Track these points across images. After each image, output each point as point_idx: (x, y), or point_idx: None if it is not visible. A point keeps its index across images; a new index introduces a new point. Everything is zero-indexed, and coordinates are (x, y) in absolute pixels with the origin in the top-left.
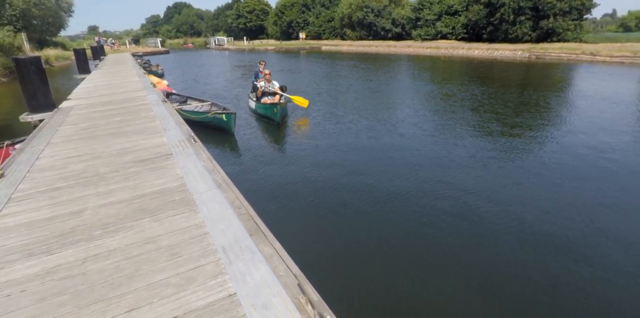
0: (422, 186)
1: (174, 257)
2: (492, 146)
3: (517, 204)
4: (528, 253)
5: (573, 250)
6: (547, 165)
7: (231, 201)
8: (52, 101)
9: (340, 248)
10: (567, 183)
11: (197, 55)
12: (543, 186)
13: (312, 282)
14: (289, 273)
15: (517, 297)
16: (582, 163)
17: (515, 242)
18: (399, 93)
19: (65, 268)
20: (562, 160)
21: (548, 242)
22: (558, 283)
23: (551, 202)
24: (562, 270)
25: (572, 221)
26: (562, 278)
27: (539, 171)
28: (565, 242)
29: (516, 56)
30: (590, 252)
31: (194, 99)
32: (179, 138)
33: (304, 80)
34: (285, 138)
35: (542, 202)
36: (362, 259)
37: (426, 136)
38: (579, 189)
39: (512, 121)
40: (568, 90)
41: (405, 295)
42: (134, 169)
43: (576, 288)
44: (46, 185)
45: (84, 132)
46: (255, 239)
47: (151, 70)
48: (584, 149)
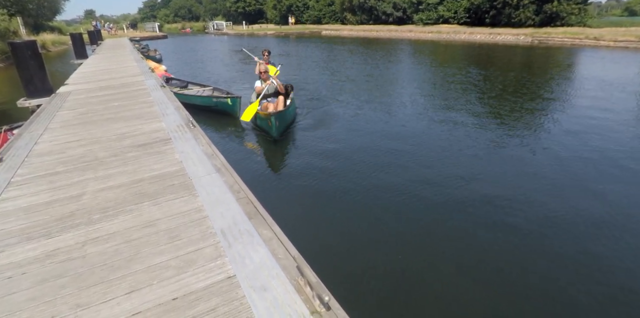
0: (423, 171)
1: (173, 240)
2: (493, 131)
3: (519, 190)
4: (538, 242)
5: (585, 236)
6: (550, 150)
7: (230, 185)
8: (49, 86)
9: (339, 232)
10: (571, 168)
11: (195, 40)
12: (545, 171)
13: (311, 265)
14: (288, 255)
15: (517, 285)
16: (584, 147)
17: (514, 226)
18: (397, 78)
19: (65, 251)
20: (566, 143)
21: (553, 227)
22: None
23: (556, 185)
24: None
25: (576, 208)
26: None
27: (542, 155)
28: (569, 225)
29: (519, 41)
30: (608, 241)
31: (195, 84)
32: (178, 123)
33: (304, 65)
34: None
35: (547, 185)
36: (360, 242)
37: (424, 120)
38: (584, 174)
39: (514, 105)
40: (570, 74)
41: (403, 277)
42: (132, 154)
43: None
44: (45, 170)
45: (82, 117)
46: (254, 222)
47: (149, 55)
48: (588, 133)
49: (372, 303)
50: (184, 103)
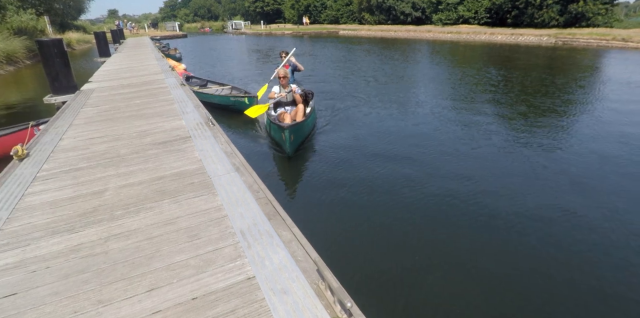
0: (446, 177)
1: (193, 238)
2: (514, 134)
3: (548, 195)
4: (571, 249)
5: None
6: (572, 153)
7: (249, 185)
8: (74, 83)
9: (359, 236)
10: (595, 173)
11: (214, 39)
12: (565, 177)
13: (331, 268)
14: (308, 258)
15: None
16: (610, 150)
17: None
18: (416, 79)
19: (88, 246)
20: (588, 148)
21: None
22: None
23: (578, 193)
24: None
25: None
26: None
27: (564, 158)
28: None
29: (541, 41)
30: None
31: (214, 83)
32: (197, 121)
33: (320, 65)
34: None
35: (566, 191)
36: (381, 247)
37: (449, 126)
38: (608, 180)
39: (535, 106)
40: (596, 76)
41: (427, 284)
42: (153, 151)
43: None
44: (69, 165)
45: (105, 114)
46: (273, 223)
47: (169, 54)
48: (613, 136)
49: (395, 310)
50: (202, 101)
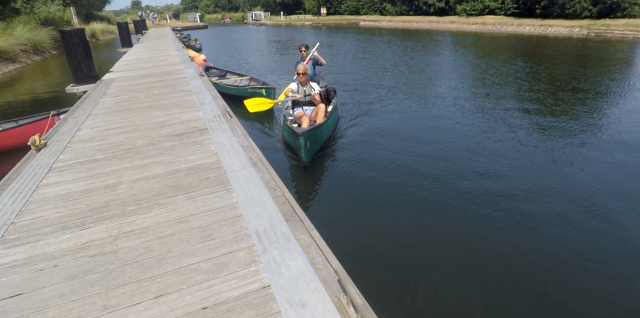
0: (474, 175)
1: (205, 239)
2: (540, 129)
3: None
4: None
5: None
6: (603, 151)
7: (266, 181)
8: (95, 73)
9: (385, 244)
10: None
11: (234, 30)
12: (592, 176)
13: (353, 278)
14: (328, 266)
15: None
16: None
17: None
18: (439, 72)
19: (97, 244)
20: (621, 145)
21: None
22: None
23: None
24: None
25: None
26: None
27: (593, 157)
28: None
29: (572, 33)
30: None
31: (233, 73)
32: (215, 113)
33: (341, 57)
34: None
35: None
36: (411, 257)
37: (480, 125)
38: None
39: (566, 101)
40: (632, 70)
41: (461, 302)
42: (169, 143)
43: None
44: (85, 157)
45: (124, 104)
46: (291, 225)
47: (189, 45)
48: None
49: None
50: (220, 93)
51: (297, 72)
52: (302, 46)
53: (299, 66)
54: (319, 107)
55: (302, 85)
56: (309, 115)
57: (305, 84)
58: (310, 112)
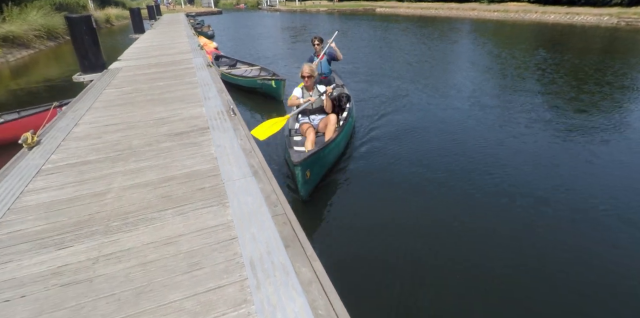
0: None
1: (193, 268)
2: (561, 124)
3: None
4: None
5: None
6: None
7: (267, 195)
8: (102, 61)
9: (402, 283)
10: None
11: (248, 16)
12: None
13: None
14: (331, 312)
15: None
16: None
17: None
18: (459, 64)
19: (73, 269)
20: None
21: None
22: None
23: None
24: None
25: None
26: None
27: (618, 153)
28: None
29: (601, 22)
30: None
31: (244, 63)
32: (219, 109)
33: (354, 46)
34: None
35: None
36: (432, 302)
37: (506, 127)
38: None
39: (591, 93)
40: None
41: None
42: (167, 144)
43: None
44: (77, 157)
45: (126, 97)
46: (291, 253)
47: (202, 31)
48: None
49: None
50: (229, 83)
51: (302, 74)
52: (315, 39)
53: (304, 67)
54: (328, 117)
55: (308, 90)
56: (317, 125)
57: (312, 88)
58: (318, 121)
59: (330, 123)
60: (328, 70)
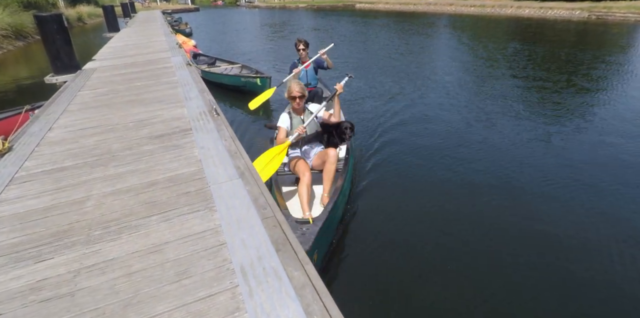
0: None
1: (181, 277)
2: (535, 121)
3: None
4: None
5: None
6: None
7: (255, 197)
8: (76, 62)
9: (399, 286)
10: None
11: (226, 13)
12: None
13: None
14: (327, 317)
15: None
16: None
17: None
18: (433, 58)
19: (53, 283)
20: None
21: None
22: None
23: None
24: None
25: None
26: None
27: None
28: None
29: (573, 16)
30: None
31: (223, 61)
32: (201, 109)
33: (336, 41)
34: None
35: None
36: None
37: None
38: None
39: (560, 90)
40: (630, 54)
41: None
42: (148, 147)
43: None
44: (53, 164)
45: (102, 99)
46: (282, 258)
47: (179, 29)
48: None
49: None
50: (211, 82)
51: (290, 94)
52: (300, 43)
53: (292, 86)
54: (327, 153)
55: (298, 113)
56: (311, 161)
57: (302, 112)
58: (313, 156)
59: (330, 161)
60: (315, 80)
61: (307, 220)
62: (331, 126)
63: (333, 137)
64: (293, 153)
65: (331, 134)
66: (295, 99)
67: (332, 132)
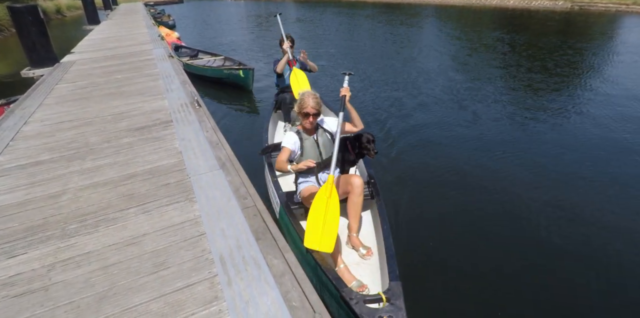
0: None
1: (159, 268)
2: (519, 110)
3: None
4: None
5: None
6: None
7: (236, 188)
8: (53, 55)
9: None
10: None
11: (211, 4)
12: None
13: None
14: (306, 303)
15: None
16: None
17: None
18: (419, 49)
19: (26, 278)
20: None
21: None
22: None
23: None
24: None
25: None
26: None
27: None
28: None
29: (556, 6)
30: None
31: (205, 53)
32: (182, 101)
33: (322, 32)
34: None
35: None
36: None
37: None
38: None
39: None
40: (612, 45)
41: None
42: (127, 140)
43: None
44: (28, 158)
45: (81, 92)
46: (262, 246)
47: (162, 21)
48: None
49: None
50: (193, 74)
51: (303, 109)
52: (287, 39)
53: (305, 99)
54: (350, 180)
55: (309, 133)
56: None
57: (314, 131)
58: (325, 179)
59: (355, 192)
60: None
61: (378, 297)
62: (347, 139)
63: (349, 152)
64: (304, 181)
65: (346, 147)
66: (309, 116)
67: (347, 146)
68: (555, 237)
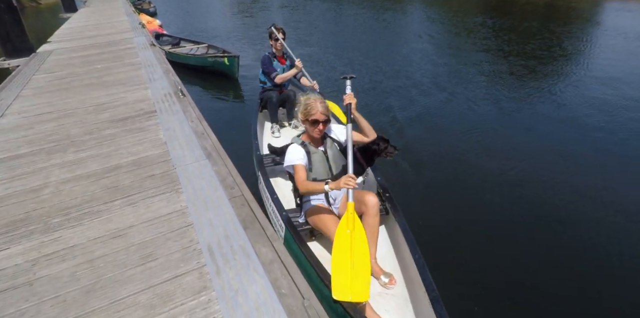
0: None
1: (146, 259)
2: (501, 95)
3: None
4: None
5: None
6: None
7: (222, 178)
8: (29, 44)
9: None
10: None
11: None
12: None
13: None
14: (295, 291)
15: None
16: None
17: None
18: (402, 35)
19: (9, 274)
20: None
21: None
22: None
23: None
24: None
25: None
26: None
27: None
28: None
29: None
30: None
31: (188, 41)
32: (166, 91)
33: (309, 20)
34: None
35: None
36: None
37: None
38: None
39: (528, 63)
40: (592, 30)
41: None
42: (109, 131)
43: None
44: (6, 152)
45: (60, 83)
46: (250, 235)
47: (142, 8)
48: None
49: None
50: (176, 63)
51: (310, 116)
52: (278, 31)
53: (313, 104)
54: (366, 198)
55: (316, 144)
56: (338, 209)
57: (321, 142)
58: (339, 200)
59: (370, 213)
60: (287, 80)
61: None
62: (357, 150)
63: (359, 164)
64: (313, 200)
65: (356, 159)
66: (318, 123)
67: (357, 157)
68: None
